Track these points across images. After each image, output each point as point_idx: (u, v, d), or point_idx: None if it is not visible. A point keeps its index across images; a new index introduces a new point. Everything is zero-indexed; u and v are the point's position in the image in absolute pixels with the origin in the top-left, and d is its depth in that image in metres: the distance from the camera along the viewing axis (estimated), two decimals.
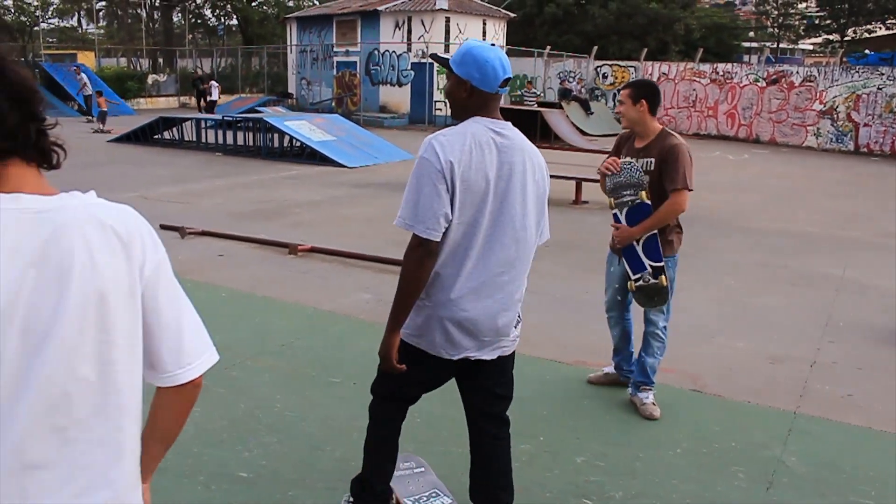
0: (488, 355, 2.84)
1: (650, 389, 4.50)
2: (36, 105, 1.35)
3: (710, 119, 27.23)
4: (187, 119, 20.58)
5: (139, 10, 50.74)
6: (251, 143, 18.74)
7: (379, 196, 12.25)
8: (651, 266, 4.36)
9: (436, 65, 29.25)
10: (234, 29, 53.23)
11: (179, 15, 50.08)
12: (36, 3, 45.30)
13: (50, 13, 50.12)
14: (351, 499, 3.20)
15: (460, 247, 2.68)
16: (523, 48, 33.13)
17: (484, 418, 3.04)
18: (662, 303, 4.42)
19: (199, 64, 41.15)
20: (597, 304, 6.63)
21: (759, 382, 5.01)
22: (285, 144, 18.26)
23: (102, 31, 53.80)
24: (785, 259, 8.63)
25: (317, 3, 46.91)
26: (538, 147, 2.87)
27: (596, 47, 31.29)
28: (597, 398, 4.69)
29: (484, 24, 31.56)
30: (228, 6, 49.36)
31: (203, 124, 19.74)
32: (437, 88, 29.52)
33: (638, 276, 4.41)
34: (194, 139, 19.58)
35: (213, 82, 30.05)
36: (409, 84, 29.71)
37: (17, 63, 1.38)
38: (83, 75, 26.49)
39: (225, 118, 19.49)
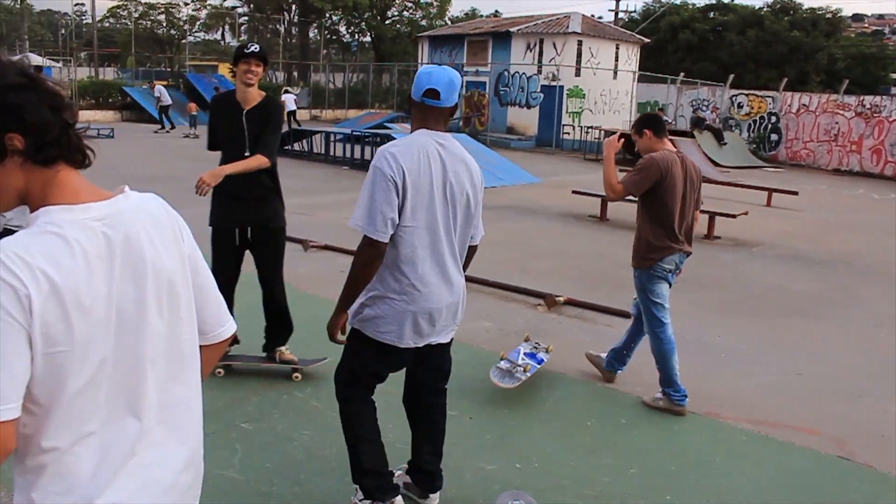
0: (444, 338, 3.30)
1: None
2: (69, 112, 1.44)
3: (852, 154, 25.78)
4: (317, 132, 21.07)
5: (278, 26, 52.83)
6: None
7: (504, 219, 11.98)
8: None
9: (566, 87, 29.02)
10: (366, 46, 54.64)
11: (316, 31, 51.81)
12: (185, 19, 47.90)
13: (197, 27, 52.86)
14: (362, 497, 3.33)
15: (425, 248, 3.04)
16: (656, 74, 32.44)
17: (432, 393, 3.57)
18: None
19: (332, 78, 42.34)
20: (730, 347, 6.24)
21: None
22: None
23: None
24: None
25: (449, 22, 47.57)
26: None
27: (732, 75, 30.26)
28: (725, 454, 4.33)
29: (617, 48, 31.09)
30: (363, 23, 50.69)
31: (332, 137, 20.16)
32: (566, 112, 29.20)
33: None
34: (323, 152, 20.02)
35: (290, 94, 29.35)
36: (538, 106, 29.49)
37: (47, 78, 1.49)
38: (158, 88, 27.74)
39: (353, 133, 19.84)
